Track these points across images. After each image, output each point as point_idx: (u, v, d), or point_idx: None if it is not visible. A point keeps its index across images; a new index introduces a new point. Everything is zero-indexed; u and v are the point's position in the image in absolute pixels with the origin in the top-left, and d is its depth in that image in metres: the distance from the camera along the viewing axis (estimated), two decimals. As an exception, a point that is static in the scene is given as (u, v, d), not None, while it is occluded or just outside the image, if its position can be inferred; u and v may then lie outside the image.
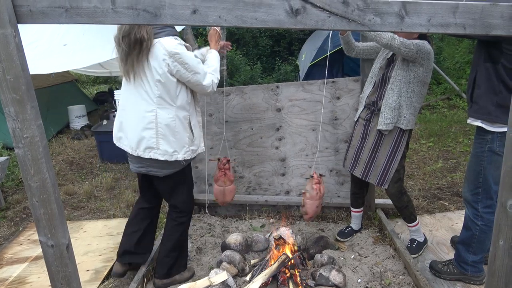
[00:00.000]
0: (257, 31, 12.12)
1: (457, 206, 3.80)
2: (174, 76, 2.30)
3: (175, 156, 2.38)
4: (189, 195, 2.66)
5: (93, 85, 13.33)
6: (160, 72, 2.27)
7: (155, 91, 2.31)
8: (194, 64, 2.31)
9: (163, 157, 2.37)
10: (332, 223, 3.57)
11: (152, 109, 2.33)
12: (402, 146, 2.79)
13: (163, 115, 2.33)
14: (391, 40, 2.52)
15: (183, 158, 2.41)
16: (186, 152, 2.43)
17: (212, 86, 2.44)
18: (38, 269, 3.00)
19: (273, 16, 1.35)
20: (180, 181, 2.57)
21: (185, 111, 2.41)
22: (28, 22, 1.36)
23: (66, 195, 4.51)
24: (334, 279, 2.54)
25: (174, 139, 2.36)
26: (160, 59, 2.25)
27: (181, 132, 2.39)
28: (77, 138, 6.95)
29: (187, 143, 2.42)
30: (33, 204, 1.51)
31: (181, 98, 2.37)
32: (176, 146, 2.38)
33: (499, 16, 1.33)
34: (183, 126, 2.39)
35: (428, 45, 2.62)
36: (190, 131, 2.44)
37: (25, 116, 1.40)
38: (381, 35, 2.54)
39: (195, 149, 2.52)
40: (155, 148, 2.36)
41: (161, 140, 2.35)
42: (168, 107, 2.34)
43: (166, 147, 2.36)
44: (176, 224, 2.66)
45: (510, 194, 1.45)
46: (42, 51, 5.64)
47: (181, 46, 2.29)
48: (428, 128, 6.34)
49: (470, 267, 2.62)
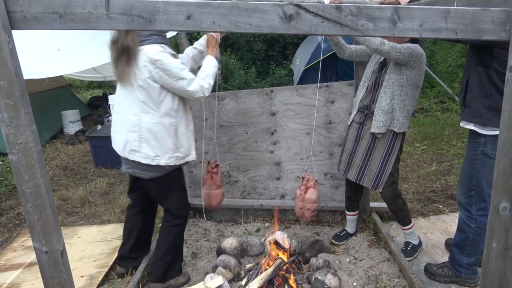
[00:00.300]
0: (251, 36, 12.16)
1: (451, 208, 3.82)
2: (157, 82, 2.31)
3: (157, 160, 2.40)
4: (181, 199, 2.66)
5: (87, 90, 13.29)
6: (142, 78, 2.30)
7: (139, 96, 2.35)
8: (176, 70, 2.30)
9: (145, 161, 2.40)
10: (327, 227, 3.57)
11: (136, 113, 2.37)
12: (395, 149, 2.80)
13: (146, 119, 2.36)
14: (380, 46, 2.55)
15: (165, 163, 2.42)
16: (169, 158, 2.43)
17: (201, 91, 2.41)
18: (32, 275, 2.98)
19: (267, 21, 1.36)
20: (169, 185, 2.57)
21: (171, 117, 2.41)
22: (22, 28, 1.37)
23: (60, 201, 4.49)
24: (329, 282, 2.54)
25: (157, 144, 2.39)
26: (141, 65, 2.28)
27: (165, 138, 2.39)
28: (71, 143, 6.92)
29: (171, 149, 2.42)
30: (27, 210, 1.50)
31: (166, 104, 2.37)
32: (158, 151, 2.40)
33: (490, 21, 1.35)
34: (167, 132, 2.40)
35: (420, 48, 2.64)
36: (175, 137, 2.44)
37: (19, 122, 1.40)
38: (370, 40, 2.57)
39: (181, 156, 2.50)
40: (137, 151, 2.40)
41: (143, 144, 2.39)
42: (152, 112, 2.36)
43: (148, 151, 2.39)
44: (170, 226, 2.66)
45: (503, 197, 1.46)
46: (36, 56, 5.63)
47: (164, 53, 2.29)
48: (422, 131, 6.38)
49: (464, 270, 2.63)
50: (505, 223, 1.48)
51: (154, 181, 2.51)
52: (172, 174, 2.53)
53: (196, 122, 3.61)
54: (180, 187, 2.65)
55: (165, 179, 2.52)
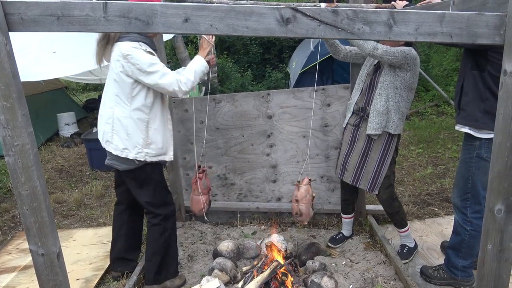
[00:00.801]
0: (247, 39, 12.19)
1: (446, 211, 3.83)
2: (131, 77, 2.35)
3: (125, 153, 2.44)
4: (156, 196, 2.62)
5: (83, 92, 13.27)
6: (116, 72, 2.37)
7: (114, 89, 2.42)
8: (146, 65, 2.31)
9: (115, 152, 2.46)
10: (323, 230, 3.58)
11: (111, 106, 2.45)
12: (391, 151, 2.82)
13: (118, 112, 2.42)
14: (372, 50, 2.60)
15: (134, 157, 2.44)
16: (138, 153, 2.45)
17: (176, 85, 2.39)
18: (27, 278, 2.96)
19: (264, 24, 1.37)
20: (143, 180, 2.57)
21: (143, 113, 2.43)
22: (19, 30, 1.37)
23: (55, 204, 4.47)
24: (325, 285, 2.54)
25: (127, 137, 2.43)
26: (114, 59, 2.37)
27: (135, 132, 2.42)
28: (67, 145, 6.90)
29: (140, 144, 2.44)
30: (23, 212, 1.50)
31: (138, 100, 2.40)
32: (127, 144, 2.43)
33: (485, 25, 1.37)
34: (137, 126, 2.43)
35: (414, 51, 2.67)
36: (146, 133, 2.45)
37: (15, 124, 1.40)
38: (363, 45, 2.61)
39: (153, 153, 2.50)
40: (110, 142, 2.47)
41: (115, 135, 2.45)
42: (123, 105, 2.41)
43: (118, 143, 2.45)
44: (151, 226, 2.66)
45: (498, 199, 1.47)
46: (32, 59, 5.61)
47: (135, 49, 2.32)
48: (417, 135, 6.41)
49: (460, 272, 2.64)
50: (500, 225, 1.49)
51: (129, 174, 2.56)
52: (146, 169, 2.53)
53: (193, 125, 3.62)
54: (156, 183, 2.61)
55: (138, 172, 2.53)
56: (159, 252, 2.66)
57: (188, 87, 2.44)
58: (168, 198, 2.70)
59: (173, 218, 2.72)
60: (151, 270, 2.67)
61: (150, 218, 2.65)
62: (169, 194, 2.72)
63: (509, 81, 1.36)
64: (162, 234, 2.65)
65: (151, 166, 2.54)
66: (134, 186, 2.61)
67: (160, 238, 2.64)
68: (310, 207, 2.88)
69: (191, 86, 2.46)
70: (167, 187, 2.73)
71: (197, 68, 2.50)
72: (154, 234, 2.65)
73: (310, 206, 2.88)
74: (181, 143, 3.69)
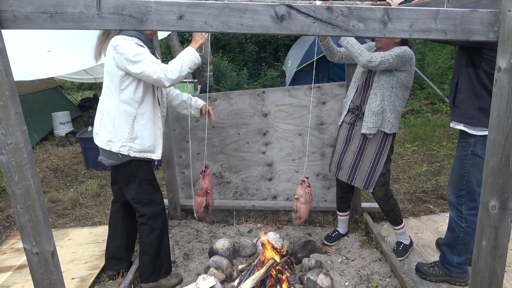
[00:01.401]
0: (243, 37, 12.18)
1: (441, 208, 3.85)
2: (121, 69, 2.36)
3: (110, 145, 2.44)
4: (141, 194, 2.58)
5: (78, 91, 13.21)
6: (108, 64, 2.41)
7: (106, 82, 2.46)
8: (132, 55, 2.30)
9: (100, 144, 2.48)
10: (319, 227, 3.58)
11: (102, 98, 2.50)
12: (386, 150, 2.83)
13: (107, 103, 2.46)
14: (367, 63, 2.64)
15: (117, 151, 2.44)
16: (122, 146, 2.44)
17: (163, 72, 2.33)
18: (22, 278, 2.95)
19: (259, 21, 1.37)
20: (129, 177, 2.55)
21: (130, 107, 2.42)
22: (12, 27, 1.36)
23: (50, 203, 4.45)
24: (321, 282, 2.55)
25: (112, 129, 2.43)
26: (108, 52, 2.40)
27: (120, 125, 2.43)
28: (62, 145, 6.86)
29: (125, 138, 2.44)
30: (17, 211, 1.49)
31: (127, 93, 2.41)
32: (112, 137, 2.44)
33: (479, 22, 1.37)
34: (123, 119, 2.43)
35: (409, 51, 2.67)
36: (131, 128, 2.44)
37: (9, 122, 1.39)
38: (358, 58, 2.65)
39: (137, 149, 2.47)
40: (98, 134, 2.50)
41: (102, 127, 2.47)
42: (112, 97, 2.44)
43: (103, 135, 2.47)
44: (140, 225, 2.65)
45: (492, 195, 1.48)
46: (26, 58, 5.59)
47: (125, 40, 2.32)
48: (413, 132, 6.43)
49: (455, 269, 2.65)
50: (494, 221, 1.50)
51: (115, 170, 2.58)
52: (131, 165, 2.51)
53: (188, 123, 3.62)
54: (141, 181, 2.57)
55: (124, 169, 2.53)
56: (148, 252, 2.65)
57: (174, 76, 2.37)
58: (155, 197, 2.64)
59: (162, 217, 2.67)
60: (143, 269, 2.68)
61: (137, 217, 2.65)
62: (157, 193, 2.66)
63: (503, 78, 1.37)
64: (150, 233, 2.62)
65: (136, 163, 2.52)
66: (121, 182, 2.62)
67: (147, 237, 2.62)
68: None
69: (178, 75, 2.38)
70: (155, 186, 2.67)
71: (185, 57, 2.44)
72: (142, 233, 2.64)
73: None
74: (176, 141, 3.68)
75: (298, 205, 2.89)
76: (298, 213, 2.91)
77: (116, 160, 2.49)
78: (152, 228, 2.62)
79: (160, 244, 2.68)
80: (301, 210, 2.88)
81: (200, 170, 3.76)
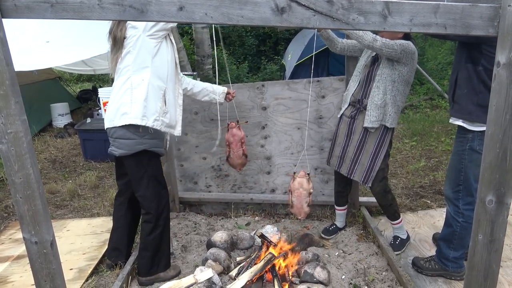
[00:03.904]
0: (243, 30, 12.14)
1: (439, 204, 3.87)
2: (137, 28, 2.38)
3: (145, 120, 2.43)
4: (150, 190, 2.58)
5: (76, 83, 13.17)
6: (128, 42, 2.42)
7: (127, 62, 2.44)
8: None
9: (134, 121, 2.42)
10: (316, 221, 3.60)
11: (127, 78, 2.45)
12: (385, 144, 2.83)
13: (137, 79, 2.43)
14: (372, 42, 2.59)
15: (151, 125, 2.45)
16: (155, 121, 2.46)
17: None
18: (20, 268, 2.96)
19: (259, 13, 1.37)
20: (139, 172, 2.55)
21: (161, 81, 2.47)
22: (13, 16, 1.35)
23: (49, 194, 4.45)
24: (318, 275, 2.57)
25: (145, 104, 2.43)
26: (125, 31, 2.42)
27: (153, 99, 2.44)
28: (60, 136, 6.86)
29: (158, 112, 2.46)
30: (16, 200, 1.49)
31: (156, 66, 2.45)
32: (146, 112, 2.43)
33: (479, 17, 1.37)
34: (156, 94, 2.45)
35: (413, 46, 2.67)
36: (163, 102, 2.48)
37: (9, 112, 1.39)
38: (363, 36, 2.60)
39: (167, 123, 2.53)
40: (128, 113, 2.43)
41: (134, 104, 2.43)
42: (141, 73, 2.43)
43: (137, 111, 2.42)
44: (143, 223, 2.66)
45: (489, 190, 1.49)
46: (25, 48, 5.57)
47: None
48: (411, 128, 6.44)
49: (451, 263, 2.67)
50: (490, 215, 1.51)
51: (126, 161, 2.54)
52: (141, 158, 2.51)
53: (187, 116, 3.62)
54: (150, 177, 2.58)
55: (136, 163, 2.52)
56: (149, 248, 2.65)
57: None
58: (161, 195, 2.65)
59: (166, 215, 2.68)
60: (142, 264, 2.69)
61: (143, 215, 2.65)
62: (163, 190, 2.67)
63: (502, 73, 1.37)
64: (152, 231, 2.63)
65: (147, 156, 2.53)
66: (132, 176, 2.60)
67: (150, 235, 2.63)
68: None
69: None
70: (163, 183, 2.68)
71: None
72: (144, 230, 2.65)
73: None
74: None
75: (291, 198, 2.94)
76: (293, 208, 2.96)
77: (128, 149, 2.47)
78: (155, 226, 2.63)
79: (161, 241, 2.69)
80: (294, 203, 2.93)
81: (198, 163, 3.80)
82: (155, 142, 2.54)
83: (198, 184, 3.89)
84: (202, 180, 3.86)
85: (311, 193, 2.94)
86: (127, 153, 2.49)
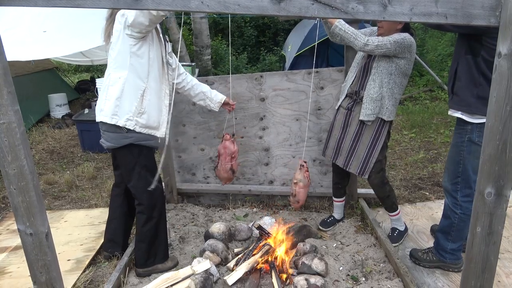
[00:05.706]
0: (242, 21, 12.06)
1: (437, 195, 3.86)
2: (130, 35, 2.31)
3: (115, 119, 2.38)
4: (140, 181, 2.54)
5: (74, 73, 13.11)
6: (115, 36, 2.37)
7: (111, 55, 2.41)
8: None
9: (104, 118, 2.39)
10: (314, 213, 3.60)
11: (108, 73, 2.43)
12: (383, 136, 2.81)
13: (113, 77, 2.40)
14: (363, 47, 2.62)
15: (123, 125, 2.38)
16: (128, 120, 2.38)
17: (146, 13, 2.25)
18: (18, 259, 2.96)
19: (256, 2, 1.34)
20: (130, 163, 2.51)
21: (140, 80, 2.39)
22: (4, 4, 1.33)
23: (46, 185, 4.44)
24: (316, 267, 2.57)
25: (118, 103, 2.37)
26: (114, 30, 2.38)
27: (128, 98, 2.37)
28: (58, 127, 6.83)
29: (132, 112, 2.39)
30: (10, 191, 1.48)
31: (135, 65, 2.37)
32: (117, 111, 2.37)
33: (480, 6, 1.35)
34: (133, 93, 2.38)
35: (410, 38, 2.63)
36: (140, 102, 2.40)
37: (1, 102, 1.37)
38: (354, 42, 2.65)
39: (143, 124, 2.43)
40: (103, 109, 2.41)
41: (107, 101, 2.40)
42: (120, 69, 2.38)
43: (109, 109, 2.38)
44: (137, 213, 2.64)
45: (488, 182, 1.48)
46: (21, 38, 5.51)
47: None
48: (410, 119, 6.42)
49: (448, 255, 2.67)
50: (489, 208, 1.50)
51: (116, 154, 2.53)
52: (132, 151, 2.47)
53: (185, 107, 3.59)
54: (142, 168, 2.53)
55: (125, 154, 2.49)
56: (144, 240, 2.64)
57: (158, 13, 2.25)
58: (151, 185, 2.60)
59: (160, 206, 2.65)
60: (139, 255, 2.68)
61: (136, 205, 2.63)
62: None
63: (503, 63, 1.35)
64: (147, 222, 2.61)
65: (137, 149, 2.48)
66: (123, 168, 2.59)
67: (144, 226, 2.61)
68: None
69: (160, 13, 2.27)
70: (155, 173, 2.59)
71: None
72: (139, 221, 2.63)
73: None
74: (173, 125, 3.66)
75: (297, 189, 2.90)
76: (296, 197, 2.93)
77: (118, 142, 2.43)
78: (149, 217, 2.61)
79: (157, 232, 2.67)
80: (300, 194, 2.90)
81: (196, 154, 3.78)
82: (143, 136, 2.47)
83: (196, 175, 3.87)
84: (200, 171, 3.85)
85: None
86: (114, 146, 2.47)
